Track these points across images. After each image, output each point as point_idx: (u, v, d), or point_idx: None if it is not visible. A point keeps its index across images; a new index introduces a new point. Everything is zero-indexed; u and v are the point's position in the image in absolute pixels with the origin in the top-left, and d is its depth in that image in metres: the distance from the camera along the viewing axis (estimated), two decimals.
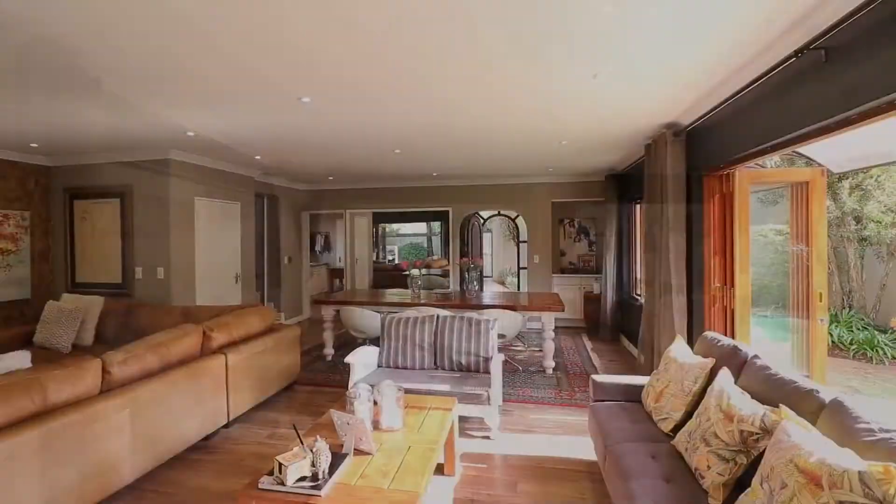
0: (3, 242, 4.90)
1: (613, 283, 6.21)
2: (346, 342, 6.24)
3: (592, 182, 7.07)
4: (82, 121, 3.69)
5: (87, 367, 2.48)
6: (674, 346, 2.77)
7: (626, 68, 2.69)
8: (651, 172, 4.22)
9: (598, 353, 5.59)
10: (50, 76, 2.70)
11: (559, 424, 3.55)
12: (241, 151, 5.02)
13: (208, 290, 5.57)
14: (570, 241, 7.34)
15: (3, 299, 4.88)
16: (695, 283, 3.71)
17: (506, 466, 2.93)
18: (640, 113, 3.62)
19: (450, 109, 3.47)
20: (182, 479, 2.82)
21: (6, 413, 2.09)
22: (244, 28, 2.14)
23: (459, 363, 3.68)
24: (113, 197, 5.18)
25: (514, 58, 2.51)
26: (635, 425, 2.55)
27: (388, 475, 2.03)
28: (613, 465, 2.22)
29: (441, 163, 5.82)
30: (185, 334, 3.16)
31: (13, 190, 5.03)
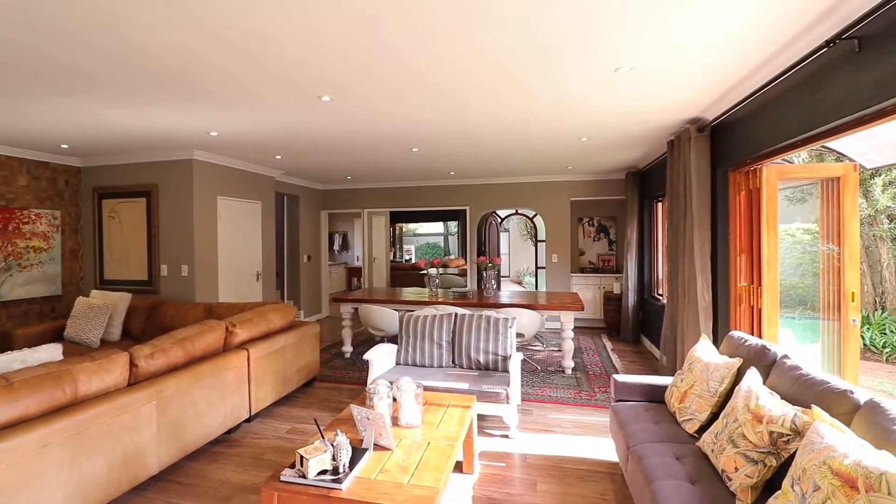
0: (36, 241, 5.08)
1: (635, 282, 6.11)
2: (364, 340, 6.29)
3: (613, 180, 6.97)
4: (109, 122, 3.79)
5: (116, 360, 2.55)
6: (699, 345, 2.71)
7: (650, 62, 2.64)
8: (674, 169, 4.13)
9: (618, 354, 5.50)
10: (77, 78, 2.78)
11: (579, 424, 3.50)
12: (262, 151, 5.10)
13: (230, 287, 5.68)
14: (590, 241, 7.25)
15: (35, 295, 5.06)
16: (719, 282, 3.62)
17: (525, 466, 2.91)
18: (663, 108, 3.55)
19: (468, 106, 3.46)
20: (206, 471, 2.88)
21: (39, 403, 2.16)
22: (265, 27, 2.17)
23: (477, 361, 3.67)
24: (139, 196, 5.32)
25: (533, 52, 2.49)
26: (658, 426, 2.50)
27: (407, 471, 2.03)
28: (636, 466, 2.17)
29: (459, 161, 5.82)
30: (208, 329, 3.22)
31: (45, 190, 5.21)
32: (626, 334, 6.14)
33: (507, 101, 3.32)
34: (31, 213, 5.02)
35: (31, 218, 5.02)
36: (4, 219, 4.77)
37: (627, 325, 6.12)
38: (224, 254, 5.57)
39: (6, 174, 4.83)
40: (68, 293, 5.42)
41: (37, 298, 5.10)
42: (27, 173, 5.02)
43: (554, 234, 7.12)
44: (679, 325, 3.87)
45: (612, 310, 6.55)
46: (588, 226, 7.23)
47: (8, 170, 4.84)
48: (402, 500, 1.81)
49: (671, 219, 4.20)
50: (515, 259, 12.73)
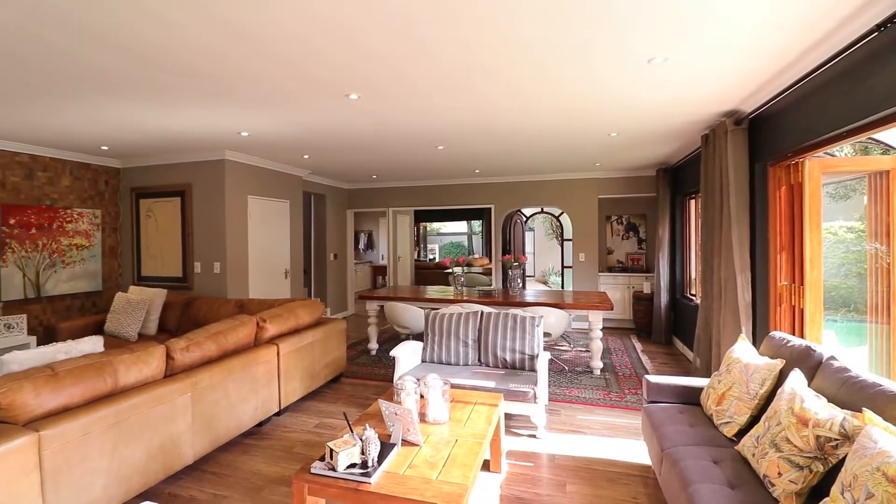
0: (79, 239, 5.31)
1: (666, 282, 5.94)
2: (389, 338, 6.33)
3: (643, 177, 6.81)
4: (146, 123, 3.93)
5: (153, 353, 2.63)
6: (737, 346, 2.60)
7: (685, 52, 2.55)
8: (709, 164, 4.00)
9: (648, 356, 5.36)
10: (118, 80, 2.88)
11: (609, 426, 3.42)
12: (291, 151, 5.19)
13: (260, 284, 5.80)
14: (618, 239, 7.09)
15: (77, 291, 5.29)
16: (758, 282, 3.48)
17: (553, 466, 2.86)
18: (698, 101, 3.44)
19: (496, 102, 3.43)
20: (238, 462, 2.94)
21: (82, 392, 2.24)
22: (294, 26, 2.19)
23: (504, 360, 3.63)
24: (174, 195, 5.50)
25: (564, 45, 2.44)
26: (694, 429, 2.42)
27: (435, 467, 2.02)
28: (671, 470, 2.10)
29: (484, 159, 5.78)
30: (240, 324, 3.30)
31: (86, 190, 5.44)
32: (658, 336, 5.97)
33: (534, 96, 3.27)
34: (73, 212, 5.25)
35: (73, 217, 5.25)
36: (49, 218, 5.01)
37: (659, 326, 5.95)
38: (254, 251, 5.70)
39: (51, 175, 5.06)
40: (108, 289, 5.65)
41: (79, 294, 5.33)
42: (70, 174, 5.26)
43: (581, 232, 7.00)
44: (714, 326, 3.74)
45: (642, 310, 6.38)
46: (616, 224, 7.08)
47: (53, 171, 5.08)
48: (430, 496, 1.80)
49: (706, 216, 4.06)
50: (540, 259, 12.58)
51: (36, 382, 2.09)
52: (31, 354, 2.39)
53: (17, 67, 2.66)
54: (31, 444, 1.95)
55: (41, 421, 2.06)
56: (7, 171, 4.65)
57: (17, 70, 2.70)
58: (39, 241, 4.90)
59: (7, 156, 4.65)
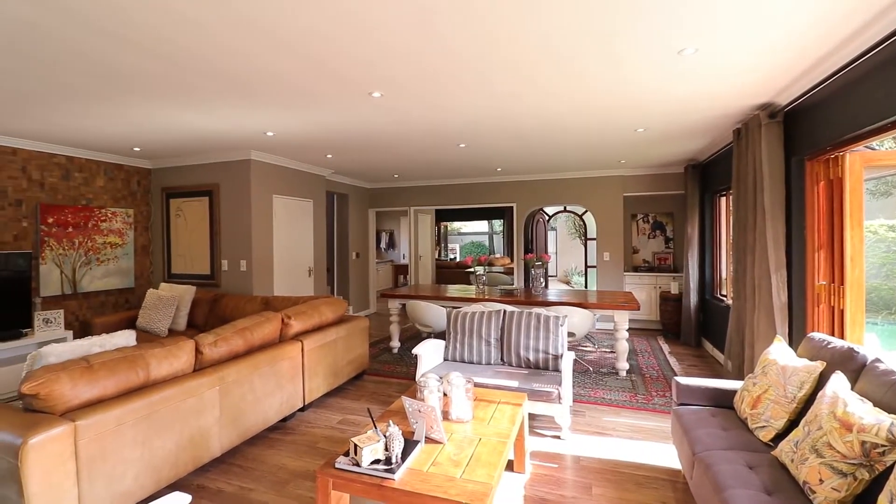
0: (112, 237, 5.49)
1: (696, 282, 5.77)
2: (411, 336, 6.34)
3: (670, 174, 6.63)
4: (176, 124, 4.03)
5: (183, 347, 2.69)
6: (773, 347, 2.50)
7: (717, 42, 2.46)
8: (741, 160, 3.86)
9: (676, 357, 5.22)
10: (149, 81, 2.96)
11: (636, 429, 3.34)
12: (314, 150, 5.25)
13: (285, 282, 5.90)
14: (644, 238, 6.92)
15: (111, 287, 5.47)
16: (794, 281, 3.34)
17: (578, 468, 2.80)
18: (730, 94, 3.32)
19: (518, 98, 3.39)
20: (263, 456, 2.98)
21: (116, 384, 2.31)
22: (318, 25, 2.20)
23: (527, 360, 3.58)
24: (202, 195, 5.63)
25: (590, 37, 2.39)
26: (727, 432, 2.33)
27: (459, 465, 2.00)
28: (703, 474, 2.03)
29: (506, 157, 5.73)
30: (266, 320, 3.34)
31: (119, 190, 5.62)
32: (687, 337, 5.80)
33: (558, 91, 3.22)
34: (107, 211, 5.43)
35: (107, 216, 5.43)
36: (85, 217, 5.19)
37: (689, 328, 5.78)
38: (279, 250, 5.79)
39: (87, 176, 5.25)
40: (139, 286, 5.83)
41: (112, 290, 5.52)
42: (104, 175, 5.44)
43: (605, 231, 6.88)
44: (747, 327, 3.61)
45: (670, 311, 6.22)
46: (643, 222, 6.91)
47: (88, 172, 5.27)
48: (455, 494, 1.78)
49: (738, 213, 3.92)
50: (563, 258, 12.42)
51: (72, 374, 2.16)
52: (67, 347, 2.48)
53: (55, 71, 2.75)
54: (68, 433, 2.01)
55: (77, 411, 2.12)
56: (45, 171, 4.85)
57: (56, 74, 2.80)
58: (76, 240, 5.09)
59: (45, 157, 4.84)
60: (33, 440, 1.88)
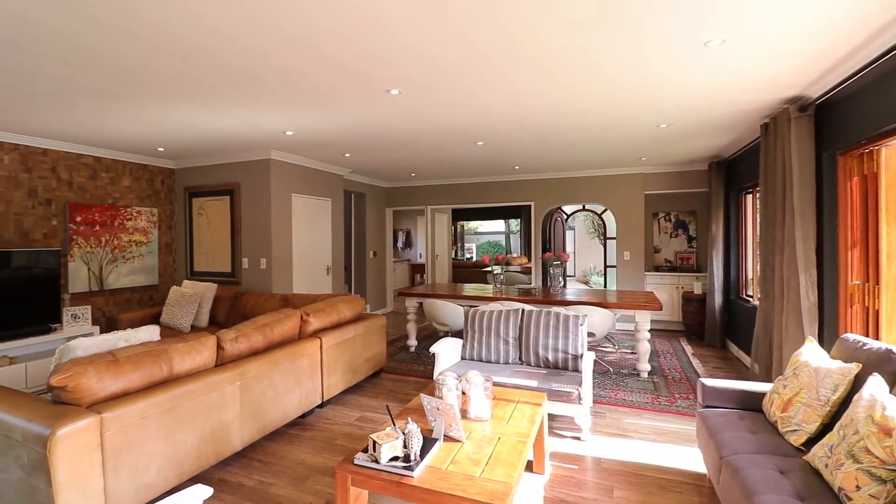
0: (137, 235, 5.62)
1: (720, 282, 5.61)
2: (428, 335, 6.33)
3: (693, 171, 6.47)
4: (199, 124, 4.10)
5: (205, 342, 2.73)
6: (805, 348, 2.41)
7: (745, 33, 2.38)
8: (769, 155, 3.74)
9: (700, 359, 5.09)
10: (174, 82, 3.01)
11: (658, 431, 3.26)
12: (332, 149, 5.29)
13: (303, 280, 5.95)
14: (666, 237, 6.77)
15: (136, 285, 5.60)
16: (826, 281, 3.21)
17: (599, 470, 2.75)
18: (758, 87, 3.22)
19: (536, 95, 3.35)
20: (283, 451, 3.01)
21: (141, 378, 2.35)
22: (335, 23, 2.20)
23: (546, 359, 3.53)
24: (224, 194, 5.73)
25: (611, 29, 2.34)
26: (756, 436, 2.25)
27: (478, 464, 1.98)
28: (731, 479, 1.96)
29: (524, 154, 5.68)
30: (285, 317, 3.37)
31: (144, 189, 5.75)
32: (711, 339, 5.65)
33: (579, 86, 3.16)
34: (133, 210, 5.56)
35: (132, 215, 5.56)
36: (111, 216, 5.33)
37: (713, 329, 5.63)
38: (298, 248, 5.85)
39: (113, 175, 5.39)
40: (163, 283, 5.96)
41: (137, 287, 5.65)
42: (130, 175, 5.58)
43: (626, 230, 6.75)
44: (775, 329, 3.49)
45: (693, 312, 6.07)
46: (664, 221, 6.77)
47: (115, 172, 5.40)
48: (474, 493, 1.75)
49: (765, 211, 3.80)
50: (581, 258, 12.27)
51: (98, 367, 2.20)
52: (94, 341, 2.53)
53: (79, 73, 2.82)
54: (94, 425, 2.05)
55: (103, 404, 2.16)
56: (74, 171, 4.99)
57: (80, 75, 2.86)
58: (102, 238, 5.22)
59: (74, 158, 4.98)
60: (61, 431, 1.92)
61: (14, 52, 2.52)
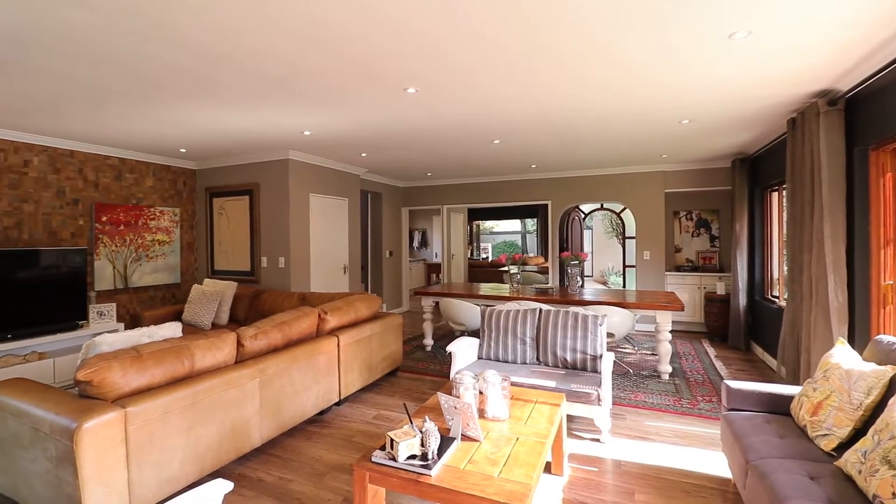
0: (160, 235, 5.75)
1: (745, 282, 5.47)
2: (444, 334, 6.32)
3: (716, 168, 6.32)
4: (220, 125, 4.16)
5: (226, 339, 2.77)
6: (836, 350, 2.32)
7: (772, 24, 2.31)
8: (796, 151, 3.63)
9: (723, 361, 4.96)
10: (195, 83, 3.06)
11: (680, 434, 3.19)
12: (349, 149, 5.32)
13: (321, 279, 6.00)
14: (687, 236, 6.63)
15: (159, 283, 5.73)
16: (857, 281, 3.10)
17: (620, 473, 2.70)
18: (785, 80, 3.12)
19: (557, 90, 3.30)
20: (301, 448, 3.03)
21: (164, 373, 2.39)
22: (351, 20, 2.20)
23: (564, 360, 3.49)
24: (243, 194, 5.81)
25: (633, 22, 2.29)
26: (784, 440, 2.18)
27: (497, 464, 1.95)
28: (759, 484, 1.90)
29: (541, 153, 5.62)
30: (303, 315, 3.40)
31: (167, 190, 5.88)
32: (736, 340, 5.50)
33: (599, 81, 3.11)
34: (156, 210, 5.69)
35: (156, 215, 5.69)
36: (136, 215, 5.45)
37: (737, 331, 5.48)
38: (315, 247, 5.90)
39: (137, 176, 5.52)
40: (185, 281, 6.08)
41: (160, 285, 5.77)
42: (153, 175, 5.70)
43: (645, 229, 6.63)
44: (803, 330, 3.38)
45: (716, 313, 5.93)
46: (686, 220, 6.63)
47: (139, 172, 5.53)
48: (492, 493, 1.73)
49: (792, 209, 3.69)
50: (599, 258, 12.11)
51: (123, 362, 2.25)
52: (119, 337, 2.59)
53: (104, 74, 2.88)
54: (119, 419, 2.10)
55: (127, 398, 2.21)
56: (100, 173, 5.12)
57: (105, 77, 2.93)
58: (127, 237, 5.35)
59: (100, 159, 5.11)
60: (87, 424, 1.97)
61: (44, 54, 2.59)
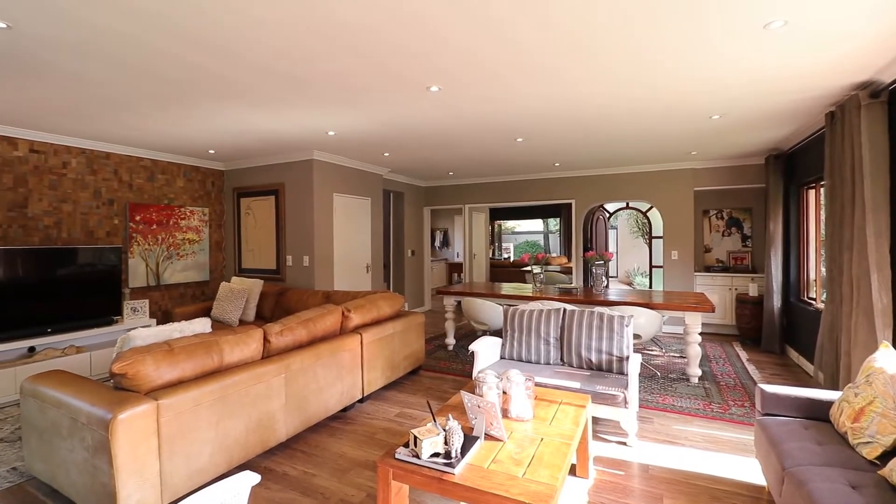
0: (190, 234, 5.91)
1: (780, 283, 5.26)
2: (466, 334, 6.31)
3: (748, 165, 6.11)
4: (247, 126, 4.25)
5: (253, 335, 2.82)
6: (879, 354, 2.21)
7: (809, 12, 2.21)
8: (835, 146, 3.47)
9: (756, 365, 4.79)
10: (223, 85, 3.13)
11: (710, 439, 3.09)
12: (372, 149, 5.36)
13: (344, 277, 6.07)
14: (718, 235, 6.43)
15: (189, 280, 5.89)
16: None
17: (647, 477, 2.63)
18: (823, 71, 2.99)
19: (582, 86, 3.25)
20: (325, 443, 3.07)
21: (194, 367, 2.45)
22: (374, 20, 2.21)
23: (589, 361, 3.42)
24: (269, 194, 5.93)
25: (662, 13, 2.23)
26: (823, 447, 2.08)
27: (521, 464, 1.93)
28: (796, 492, 1.82)
29: (565, 151, 5.54)
30: (327, 313, 3.44)
31: (197, 190, 6.04)
32: (769, 344, 5.30)
33: (627, 75, 3.04)
34: (186, 210, 5.85)
35: (186, 214, 5.85)
36: (167, 215, 5.62)
37: (771, 334, 5.27)
38: (339, 246, 5.97)
39: (168, 177, 5.69)
40: (214, 279, 6.24)
41: (190, 283, 5.94)
42: (183, 176, 5.87)
43: (673, 228, 6.46)
44: (843, 333, 3.23)
45: (748, 315, 5.72)
46: (716, 219, 6.43)
47: (170, 174, 5.70)
48: (517, 494, 1.71)
49: (832, 207, 3.53)
50: (624, 258, 11.88)
51: (156, 356, 2.31)
52: (152, 332, 2.67)
53: (139, 78, 2.98)
54: (152, 411, 2.16)
55: (159, 391, 2.27)
56: (134, 174, 5.30)
57: (140, 81, 3.02)
58: (159, 236, 5.52)
59: (134, 161, 5.30)
60: (122, 415, 2.03)
61: (85, 58, 2.69)
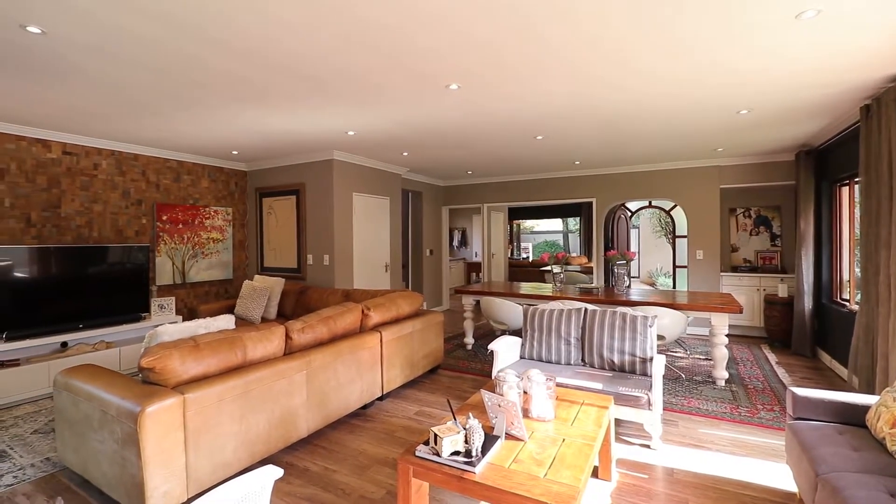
0: (215, 233, 6.04)
1: (810, 284, 5.08)
2: (485, 333, 6.28)
3: (777, 162, 5.91)
4: (269, 126, 4.32)
5: (275, 332, 2.86)
6: None
7: (844, 0, 2.12)
8: (871, 141, 3.33)
9: (785, 368, 4.64)
10: (247, 87, 3.18)
11: (738, 443, 3.00)
12: (391, 148, 5.38)
13: (363, 276, 6.11)
14: (745, 235, 6.25)
15: (213, 279, 6.02)
16: None
17: (672, 481, 2.56)
18: (857, 63, 2.87)
19: (605, 82, 3.19)
20: (345, 440, 3.09)
21: (218, 363, 2.50)
22: (392, 18, 2.21)
23: (611, 361, 3.36)
24: (290, 194, 6.01)
25: (687, 9, 2.17)
26: (859, 453, 2.00)
27: (542, 465, 1.90)
28: (830, 499, 1.75)
29: (586, 148, 5.46)
30: (347, 311, 3.46)
31: (220, 190, 6.17)
32: (800, 346, 5.12)
33: (651, 69, 2.97)
34: (210, 210, 5.98)
35: (210, 214, 5.98)
36: (192, 215, 5.76)
37: (802, 336, 5.09)
38: (358, 245, 6.02)
39: (193, 178, 5.82)
40: (237, 277, 6.36)
41: (214, 281, 6.07)
42: (208, 177, 6.00)
43: (698, 227, 6.30)
44: (880, 335, 3.10)
45: (777, 316, 5.55)
46: (743, 217, 6.25)
47: (195, 174, 5.84)
48: (539, 494, 1.69)
49: (867, 204, 3.39)
50: (646, 258, 11.66)
51: (182, 351, 2.36)
52: (178, 328, 2.73)
53: (164, 81, 3.05)
54: (178, 405, 2.21)
55: (185, 386, 2.32)
56: (160, 175, 5.44)
57: (165, 84, 3.10)
58: (185, 235, 5.66)
59: (160, 162, 5.44)
60: (150, 409, 2.08)
61: (114, 62, 2.77)
